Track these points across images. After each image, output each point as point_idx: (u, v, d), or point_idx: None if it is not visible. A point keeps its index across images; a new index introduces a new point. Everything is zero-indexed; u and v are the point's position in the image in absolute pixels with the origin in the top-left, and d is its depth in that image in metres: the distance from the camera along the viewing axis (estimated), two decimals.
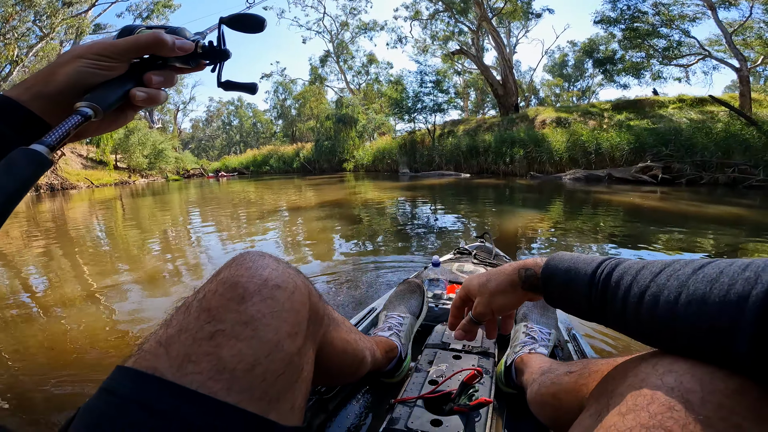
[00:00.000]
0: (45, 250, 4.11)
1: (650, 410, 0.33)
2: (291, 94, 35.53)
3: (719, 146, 8.92)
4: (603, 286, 0.44)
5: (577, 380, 0.53)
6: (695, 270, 0.37)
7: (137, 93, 0.40)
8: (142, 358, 0.39)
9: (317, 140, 24.34)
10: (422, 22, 23.85)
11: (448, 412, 0.74)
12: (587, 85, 33.42)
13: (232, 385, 0.38)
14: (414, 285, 1.15)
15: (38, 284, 2.95)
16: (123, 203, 9.73)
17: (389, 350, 0.90)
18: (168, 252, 3.90)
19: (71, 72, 0.37)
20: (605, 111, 14.21)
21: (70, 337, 1.90)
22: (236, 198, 10.01)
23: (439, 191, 9.42)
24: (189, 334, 0.40)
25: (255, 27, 0.46)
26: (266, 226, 5.22)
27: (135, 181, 23.29)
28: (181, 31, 0.43)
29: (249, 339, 0.40)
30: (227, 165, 30.66)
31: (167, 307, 2.21)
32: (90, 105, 0.36)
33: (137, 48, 0.39)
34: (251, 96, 0.58)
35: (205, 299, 0.43)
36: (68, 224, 6.33)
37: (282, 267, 0.49)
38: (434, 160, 16.71)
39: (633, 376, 0.38)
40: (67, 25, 19.50)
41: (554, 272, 0.50)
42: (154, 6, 24.97)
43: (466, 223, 4.86)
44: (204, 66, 0.46)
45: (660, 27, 14.38)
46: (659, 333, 0.39)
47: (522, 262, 0.56)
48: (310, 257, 3.36)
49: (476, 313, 0.61)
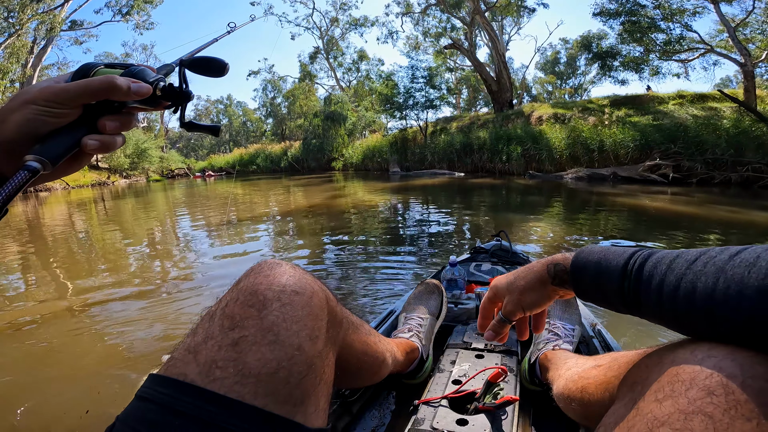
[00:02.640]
0: (21, 259, 3.79)
1: (689, 396, 0.33)
2: (280, 91, 34.66)
3: (731, 143, 8.35)
4: (636, 276, 0.44)
5: (606, 373, 0.51)
6: (732, 256, 0.37)
7: (88, 142, 0.37)
8: (172, 365, 0.41)
9: (305, 138, 23.54)
10: (414, 19, 23.26)
11: (474, 411, 0.74)
12: (579, 83, 33.34)
13: (257, 388, 0.39)
14: (432, 285, 1.14)
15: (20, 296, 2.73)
16: (70, 216, 8.89)
17: (410, 351, 0.89)
18: (144, 268, 3.25)
19: (21, 120, 0.35)
20: (604, 107, 13.63)
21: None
22: (215, 202, 9.22)
23: (434, 192, 8.81)
24: (215, 341, 0.42)
25: (216, 71, 0.45)
26: (253, 235, 4.70)
27: (114, 182, 22.29)
28: (140, 73, 0.39)
29: (271, 344, 0.42)
30: (213, 164, 29.70)
31: (162, 314, 2.20)
32: (37, 159, 0.34)
33: (88, 93, 0.36)
34: (241, 95, 0.46)
35: (227, 307, 0.44)
36: (44, 230, 5.77)
37: (299, 273, 0.49)
38: (426, 159, 15.98)
39: (669, 363, 0.37)
40: (38, 21, 18.49)
41: (584, 266, 0.50)
42: (134, 2, 23.85)
43: (469, 228, 4.54)
44: (165, 106, 0.42)
45: (660, 21, 13.87)
46: (698, 321, 0.38)
47: (550, 258, 0.56)
48: (311, 263, 3.21)
49: (506, 312, 0.60)
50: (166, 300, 2.44)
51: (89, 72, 0.38)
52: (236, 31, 0.63)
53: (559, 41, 34.28)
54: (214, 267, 3.22)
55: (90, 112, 0.38)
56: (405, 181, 12.23)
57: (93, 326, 2.13)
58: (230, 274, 2.88)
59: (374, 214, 5.80)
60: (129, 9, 23.96)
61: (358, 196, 8.36)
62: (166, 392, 0.39)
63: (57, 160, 0.35)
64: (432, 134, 17.54)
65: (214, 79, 0.47)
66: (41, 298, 2.63)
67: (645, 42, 14.18)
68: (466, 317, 1.18)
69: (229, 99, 44.49)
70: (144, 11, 24.49)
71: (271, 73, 35.41)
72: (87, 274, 3.19)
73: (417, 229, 4.53)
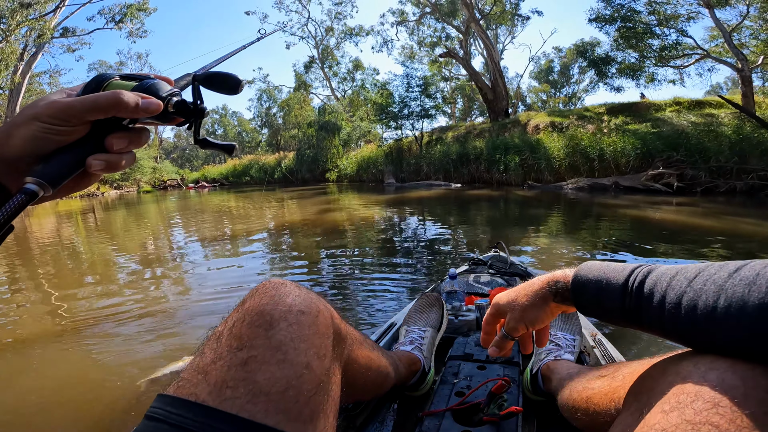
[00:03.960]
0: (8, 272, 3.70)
1: (695, 407, 0.34)
2: (276, 101, 34.44)
3: (734, 150, 8.11)
4: (637, 293, 0.45)
5: (611, 383, 0.53)
6: (731, 273, 0.38)
7: (93, 162, 0.35)
8: (182, 386, 0.41)
9: (298, 149, 23.22)
10: (409, 28, 23.22)
11: (478, 422, 0.75)
12: (573, 91, 33.45)
13: (268, 407, 0.39)
14: (432, 298, 1.14)
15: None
16: (58, 229, 8.50)
17: (412, 364, 0.91)
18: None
19: (26, 136, 0.34)
20: (601, 115, 13.43)
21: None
22: (210, 216, 8.87)
23: (430, 205, 8.50)
24: (224, 361, 0.42)
25: (231, 88, 0.43)
26: (248, 249, 4.47)
27: (104, 193, 21.85)
28: (152, 87, 0.37)
29: (280, 363, 0.42)
30: (206, 175, 29.30)
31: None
32: (36, 181, 0.32)
33: (94, 110, 0.34)
34: (236, 105, 0.42)
35: (234, 328, 0.45)
36: (31, 243, 5.48)
37: (304, 293, 0.50)
38: (422, 169, 15.63)
39: (674, 374, 0.39)
40: (28, 27, 18.21)
41: (584, 283, 0.50)
42: (127, 9, 23.66)
43: (467, 242, 4.33)
44: (178, 123, 0.41)
45: (655, 26, 13.76)
46: (700, 337, 0.39)
47: (551, 275, 0.57)
48: (309, 278, 3.16)
49: (509, 328, 0.61)
50: (159, 319, 2.36)
51: (101, 84, 0.36)
52: (241, 44, 0.60)
53: (552, 50, 34.39)
54: (208, 283, 3.10)
55: (98, 129, 0.36)
56: (400, 193, 11.90)
57: (80, 344, 2.06)
58: (226, 290, 2.83)
59: (370, 228, 5.60)
60: (122, 17, 23.73)
61: (352, 210, 8.05)
62: (177, 412, 0.38)
63: (58, 183, 0.34)
64: (428, 144, 17.26)
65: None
66: (26, 314, 2.56)
67: (641, 48, 14.06)
68: (466, 329, 1.18)
69: (224, 109, 44.27)
70: (137, 19, 24.27)
71: (266, 83, 35.28)
72: (74, 288, 3.10)
73: (414, 242, 4.37)
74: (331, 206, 8.86)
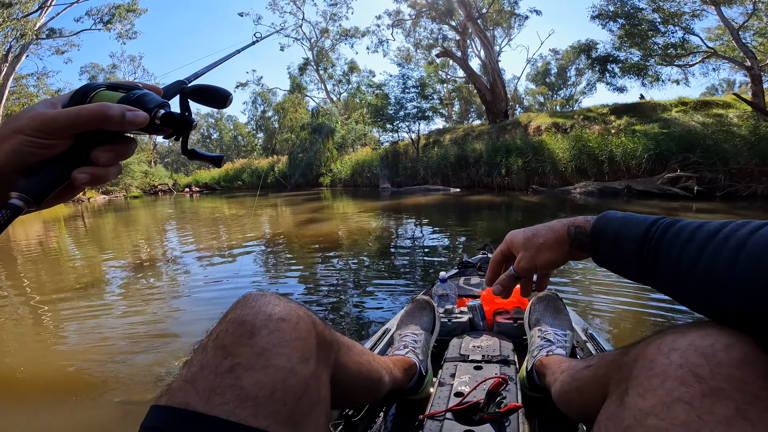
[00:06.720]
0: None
1: (666, 387, 0.36)
2: (270, 105, 33.80)
3: (754, 152, 7.54)
4: (656, 243, 0.45)
5: (596, 372, 0.54)
6: (752, 231, 0.38)
7: (79, 176, 0.35)
8: (173, 395, 0.42)
9: (291, 153, 22.56)
10: (405, 30, 22.70)
11: (479, 421, 0.75)
12: (570, 93, 33.07)
13: (258, 411, 0.40)
14: (423, 302, 1.14)
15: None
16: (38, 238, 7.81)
17: (408, 368, 0.90)
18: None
19: (9, 150, 0.34)
20: (605, 115, 12.89)
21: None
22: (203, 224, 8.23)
23: (428, 212, 7.86)
24: (210, 369, 0.43)
25: (219, 102, 0.43)
26: (239, 259, 4.37)
27: (91, 199, 21.10)
28: (139, 99, 0.37)
29: (264, 368, 0.43)
30: (198, 180, 28.62)
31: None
32: (20, 196, 0.33)
33: (78, 124, 0.34)
34: (231, 109, 0.37)
35: (218, 338, 0.46)
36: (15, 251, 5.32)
37: (284, 302, 0.51)
38: (419, 173, 14.99)
39: (642, 359, 0.41)
40: (11, 27, 17.54)
41: (605, 228, 0.51)
42: (116, 10, 23.00)
43: (469, 254, 3.74)
44: (166, 134, 0.40)
45: (659, 24, 13.27)
46: (711, 293, 0.39)
47: (572, 219, 0.57)
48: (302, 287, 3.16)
49: (519, 267, 0.61)
50: (147, 330, 2.36)
51: (87, 95, 0.36)
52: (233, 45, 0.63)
53: (549, 52, 33.98)
54: (200, 292, 3.11)
55: (84, 140, 0.35)
56: (396, 199, 11.27)
57: (64, 352, 2.09)
58: (216, 300, 2.81)
59: (364, 236, 5.25)
60: (110, 18, 23.04)
61: (343, 220, 7.47)
62: (171, 421, 0.40)
63: (42, 197, 0.34)
64: (424, 147, 16.67)
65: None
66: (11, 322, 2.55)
67: (645, 46, 13.55)
68: (460, 330, 1.17)
69: (219, 113, 43.57)
70: (126, 20, 23.57)
71: (259, 86, 34.65)
72: (59, 301, 3.06)
73: (411, 252, 4.18)
74: (318, 215, 8.22)
